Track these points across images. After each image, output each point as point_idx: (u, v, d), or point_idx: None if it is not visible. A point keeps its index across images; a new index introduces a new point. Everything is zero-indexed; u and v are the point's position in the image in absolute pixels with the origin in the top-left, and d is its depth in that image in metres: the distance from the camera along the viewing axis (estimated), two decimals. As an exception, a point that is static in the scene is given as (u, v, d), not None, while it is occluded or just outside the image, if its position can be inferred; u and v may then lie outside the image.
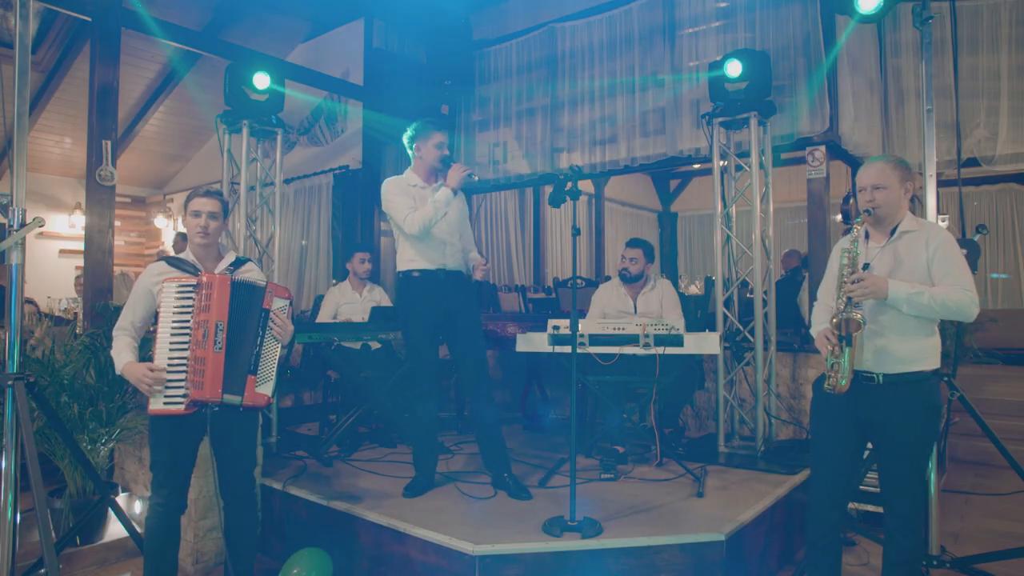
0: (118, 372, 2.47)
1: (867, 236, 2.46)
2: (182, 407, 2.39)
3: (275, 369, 2.52)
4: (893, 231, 2.40)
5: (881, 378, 2.32)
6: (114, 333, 2.56)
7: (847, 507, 2.64)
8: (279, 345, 2.54)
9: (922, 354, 2.33)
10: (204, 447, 2.62)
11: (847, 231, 2.47)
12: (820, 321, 2.52)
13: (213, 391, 2.38)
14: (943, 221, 3.03)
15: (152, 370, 2.39)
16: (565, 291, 6.59)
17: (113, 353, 2.52)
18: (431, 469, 3.39)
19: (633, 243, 4.21)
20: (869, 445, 2.51)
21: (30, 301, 5.73)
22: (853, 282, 2.26)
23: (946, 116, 4.32)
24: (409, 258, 3.34)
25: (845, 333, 2.27)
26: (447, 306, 3.31)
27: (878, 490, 3.13)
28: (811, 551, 2.53)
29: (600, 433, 4.10)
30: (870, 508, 3.66)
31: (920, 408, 2.31)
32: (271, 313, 2.51)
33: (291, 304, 2.60)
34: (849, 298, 2.27)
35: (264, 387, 2.49)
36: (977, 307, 2.25)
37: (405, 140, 3.43)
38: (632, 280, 4.14)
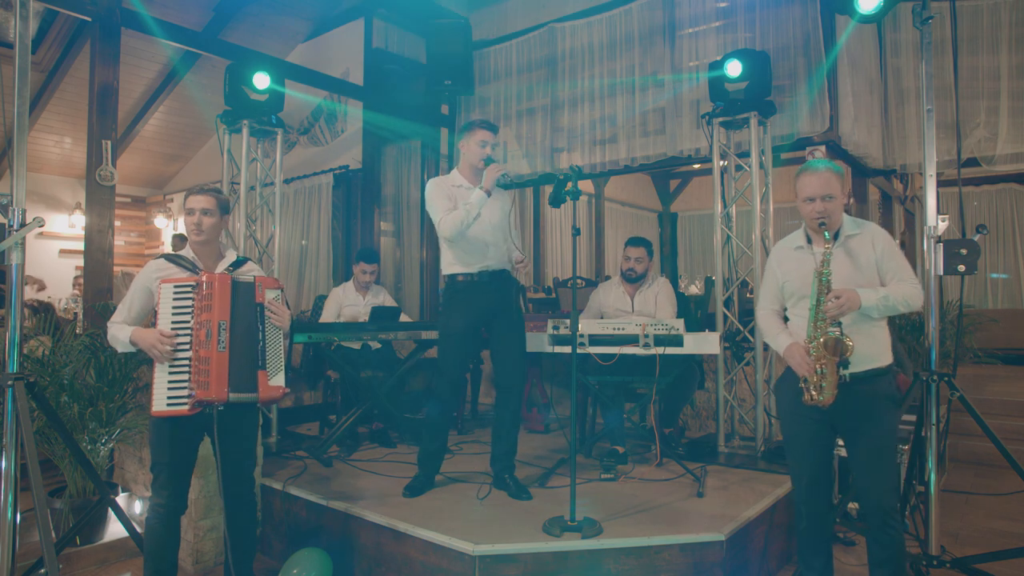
0: (128, 341, 2.44)
1: (809, 241, 2.52)
2: (186, 408, 2.38)
3: (283, 359, 2.53)
4: (836, 235, 2.46)
5: (849, 377, 2.39)
6: (108, 325, 2.55)
7: (831, 505, 2.67)
8: (281, 333, 2.55)
9: (881, 351, 2.44)
10: (204, 447, 2.61)
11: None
12: (776, 329, 2.56)
13: (219, 391, 2.38)
14: (943, 221, 3.02)
15: (164, 335, 2.37)
16: (565, 291, 6.59)
17: (114, 333, 2.49)
18: (434, 470, 3.39)
19: (635, 242, 4.17)
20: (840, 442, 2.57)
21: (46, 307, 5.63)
22: (833, 299, 2.31)
23: (946, 116, 4.32)
24: (450, 261, 3.31)
25: (841, 358, 2.32)
26: (489, 308, 3.28)
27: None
28: (802, 552, 2.58)
29: (600, 433, 4.10)
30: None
31: (885, 401, 2.40)
32: (266, 305, 2.52)
33: (282, 291, 2.61)
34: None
35: (276, 379, 2.49)
36: (923, 294, 2.44)
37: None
38: (637, 280, 4.14)
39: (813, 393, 2.36)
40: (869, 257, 2.43)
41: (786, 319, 2.60)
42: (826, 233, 2.36)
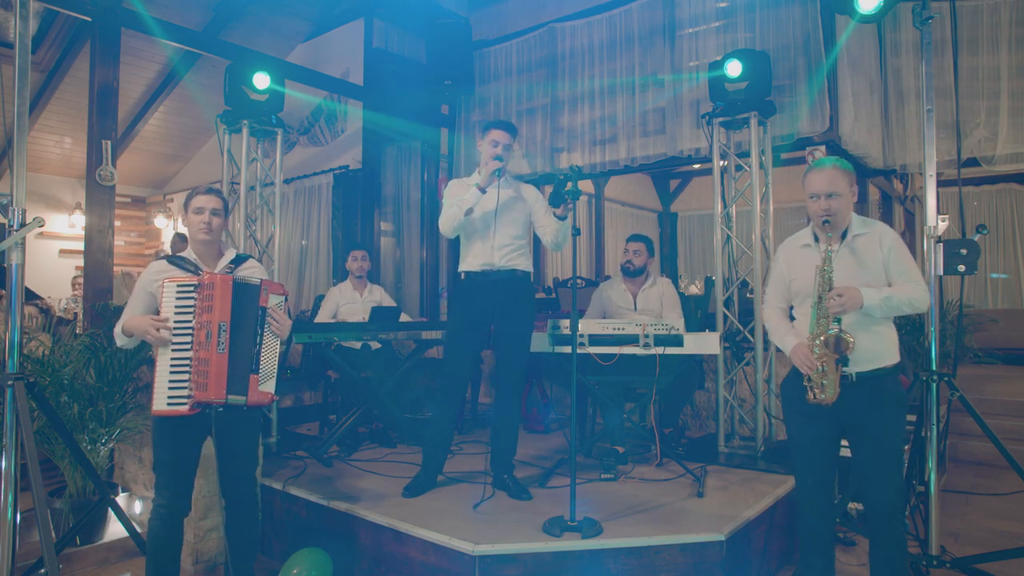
0: (123, 332, 2.47)
1: (816, 239, 2.50)
2: (186, 408, 2.38)
3: (276, 366, 2.51)
4: (844, 233, 2.45)
5: (855, 376, 2.38)
6: (116, 326, 2.56)
7: (834, 505, 2.67)
8: (278, 341, 2.53)
9: (888, 351, 2.44)
10: (207, 447, 2.61)
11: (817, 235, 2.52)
12: (783, 329, 2.55)
13: (218, 392, 2.38)
14: (943, 221, 3.03)
15: (157, 319, 2.38)
16: (565, 291, 6.59)
17: (115, 330, 2.51)
18: (436, 469, 3.39)
19: (635, 237, 4.24)
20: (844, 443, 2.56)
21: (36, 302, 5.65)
22: (835, 296, 2.30)
23: (946, 116, 4.31)
24: (461, 258, 3.35)
25: (840, 355, 2.32)
26: (492, 308, 3.27)
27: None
28: (804, 553, 2.58)
29: (600, 433, 4.10)
30: (870, 508, 3.66)
31: (891, 400, 2.40)
32: (268, 310, 2.50)
33: (286, 299, 2.60)
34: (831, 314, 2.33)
35: (267, 385, 2.48)
36: (929, 296, 2.45)
37: None
38: (635, 273, 4.15)
39: (816, 392, 2.35)
40: (876, 257, 2.41)
41: (792, 317, 2.60)
42: (828, 232, 2.36)
